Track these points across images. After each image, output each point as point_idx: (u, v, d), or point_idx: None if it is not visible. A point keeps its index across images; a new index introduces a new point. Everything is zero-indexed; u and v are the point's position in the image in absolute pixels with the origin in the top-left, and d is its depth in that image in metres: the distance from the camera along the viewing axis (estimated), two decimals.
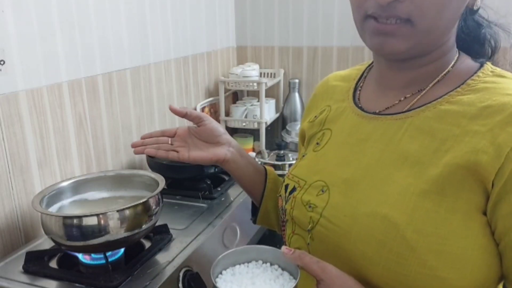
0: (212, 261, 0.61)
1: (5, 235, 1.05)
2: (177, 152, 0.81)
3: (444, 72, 0.64)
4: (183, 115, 0.84)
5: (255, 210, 0.89)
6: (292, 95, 2.02)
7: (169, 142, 0.84)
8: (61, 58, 1.16)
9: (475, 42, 0.68)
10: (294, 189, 0.72)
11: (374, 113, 0.68)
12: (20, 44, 1.04)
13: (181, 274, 0.94)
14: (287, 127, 1.94)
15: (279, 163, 1.64)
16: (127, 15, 1.38)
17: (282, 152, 1.68)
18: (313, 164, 0.72)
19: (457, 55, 0.66)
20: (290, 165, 1.64)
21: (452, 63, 0.65)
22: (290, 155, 1.69)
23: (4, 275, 0.93)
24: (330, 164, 0.69)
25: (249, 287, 0.59)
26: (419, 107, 0.63)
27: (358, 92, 0.74)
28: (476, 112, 0.58)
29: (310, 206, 0.67)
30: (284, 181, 0.76)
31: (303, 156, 0.77)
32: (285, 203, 0.73)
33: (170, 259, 0.97)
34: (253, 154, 1.79)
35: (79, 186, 1.05)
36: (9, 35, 1.01)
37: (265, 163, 1.64)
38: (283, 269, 0.63)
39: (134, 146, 0.83)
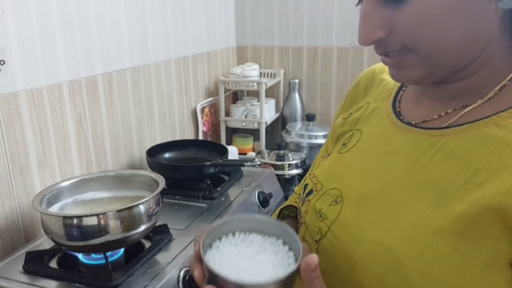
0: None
1: (5, 235, 1.05)
2: None
3: (499, 87, 0.52)
4: None
5: None
6: (292, 95, 2.02)
7: None
8: (61, 58, 1.16)
9: None
10: (311, 192, 0.65)
11: (410, 123, 0.59)
12: (20, 44, 1.04)
13: (181, 274, 0.94)
14: (287, 127, 1.94)
15: (279, 163, 1.65)
16: (127, 15, 1.38)
17: (282, 152, 1.68)
18: (334, 167, 0.65)
19: None
20: (289, 165, 1.65)
21: (511, 75, 0.52)
22: (290, 155, 1.69)
23: (4, 275, 0.93)
24: (350, 172, 0.62)
25: (246, 263, 0.51)
26: (460, 125, 0.53)
27: (401, 93, 0.66)
28: None
29: (321, 216, 0.60)
30: (305, 178, 0.70)
31: (328, 155, 0.71)
32: (302, 205, 0.67)
33: (170, 259, 0.97)
34: (253, 154, 1.79)
35: (79, 186, 1.04)
36: (9, 35, 1.01)
37: (265, 163, 1.64)
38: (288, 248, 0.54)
39: None
